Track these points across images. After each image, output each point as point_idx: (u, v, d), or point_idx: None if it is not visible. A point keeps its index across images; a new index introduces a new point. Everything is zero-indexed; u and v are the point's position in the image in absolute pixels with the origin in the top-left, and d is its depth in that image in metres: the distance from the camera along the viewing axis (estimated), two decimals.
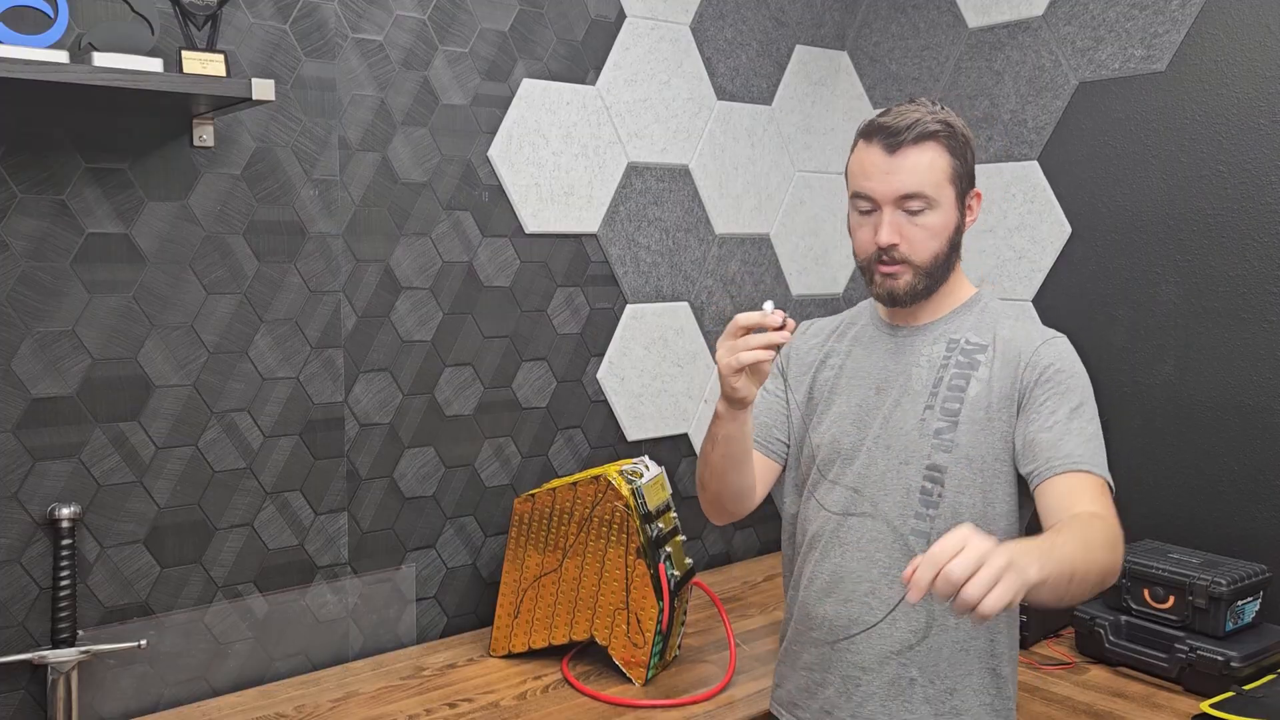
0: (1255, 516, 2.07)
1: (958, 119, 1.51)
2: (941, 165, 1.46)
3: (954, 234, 1.50)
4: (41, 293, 1.69)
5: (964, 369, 1.50)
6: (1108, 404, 2.28)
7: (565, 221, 2.30)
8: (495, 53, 2.16)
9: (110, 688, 1.79)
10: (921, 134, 1.46)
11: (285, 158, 1.91)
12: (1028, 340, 1.49)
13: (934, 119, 1.47)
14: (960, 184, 1.49)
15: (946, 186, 1.47)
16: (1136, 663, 1.97)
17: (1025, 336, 1.50)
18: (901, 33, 2.67)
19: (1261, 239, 2.05)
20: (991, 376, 1.48)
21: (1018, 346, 1.49)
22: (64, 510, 1.70)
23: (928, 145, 1.46)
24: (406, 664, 2.02)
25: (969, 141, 1.51)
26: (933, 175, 1.46)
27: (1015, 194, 2.43)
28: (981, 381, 1.49)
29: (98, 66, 1.50)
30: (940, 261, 1.49)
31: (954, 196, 1.48)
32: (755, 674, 1.98)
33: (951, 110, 1.52)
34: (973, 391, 1.49)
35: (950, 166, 1.47)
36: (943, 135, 1.47)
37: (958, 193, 1.49)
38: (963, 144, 1.49)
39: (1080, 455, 1.40)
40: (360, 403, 2.04)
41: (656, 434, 2.51)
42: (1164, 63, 2.17)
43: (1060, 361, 1.46)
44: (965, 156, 1.49)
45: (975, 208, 1.53)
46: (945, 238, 1.48)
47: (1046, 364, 1.46)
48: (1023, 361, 1.47)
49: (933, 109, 1.49)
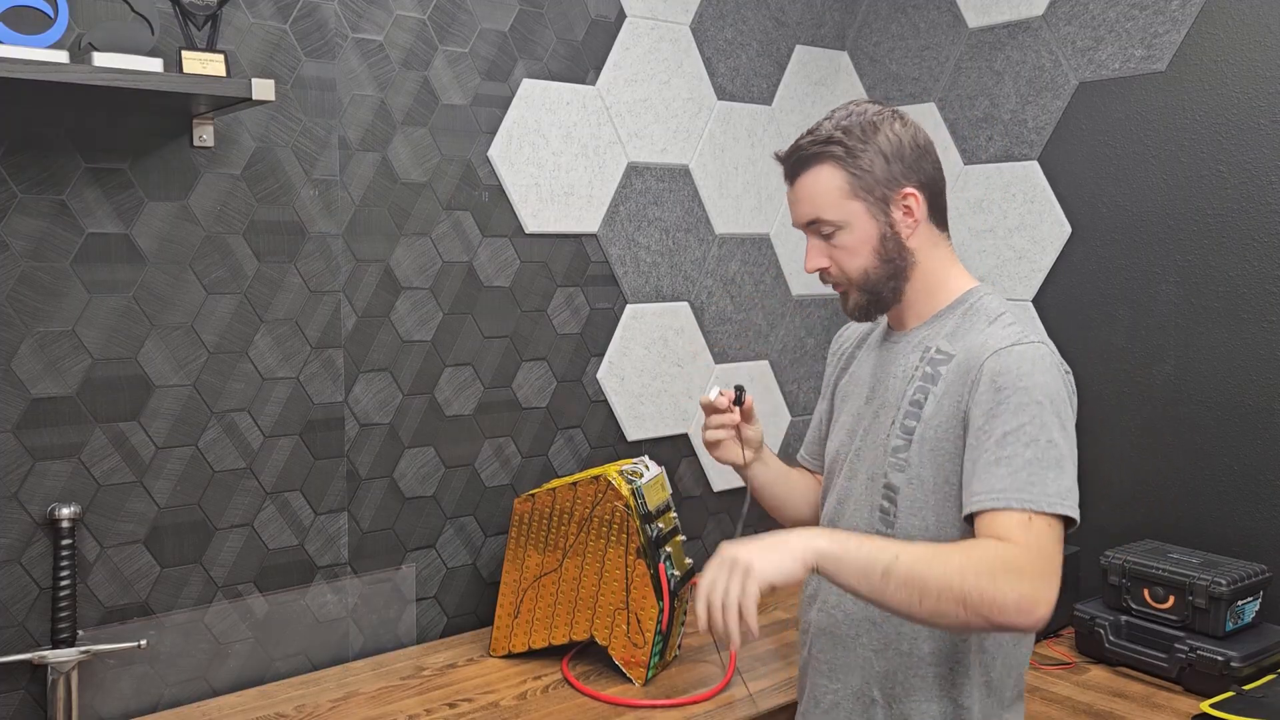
0: (1255, 516, 2.07)
1: (866, 121, 1.40)
2: (835, 184, 1.40)
3: (882, 244, 1.41)
4: (41, 293, 1.69)
5: (926, 382, 1.41)
6: (1108, 404, 2.28)
7: (565, 221, 2.30)
8: (495, 53, 2.16)
9: (110, 688, 1.79)
10: (802, 160, 1.43)
11: (285, 158, 1.91)
12: (981, 350, 1.36)
13: (818, 138, 1.41)
14: (870, 193, 1.39)
15: (848, 203, 1.40)
16: (1136, 663, 1.97)
17: (980, 346, 1.36)
18: (901, 33, 2.67)
19: (1261, 239, 2.05)
20: (944, 392, 1.38)
21: (970, 358, 1.36)
22: (64, 510, 1.70)
23: (816, 169, 1.41)
24: (406, 664, 2.02)
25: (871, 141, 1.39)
26: (828, 197, 1.41)
27: (1015, 194, 2.43)
28: (936, 398, 1.39)
29: (98, 66, 1.50)
30: (876, 275, 1.43)
31: (864, 209, 1.40)
32: (755, 674, 1.98)
33: (875, 109, 1.41)
34: (928, 409, 1.39)
35: (846, 182, 1.39)
36: (830, 154, 1.40)
37: (870, 204, 1.40)
38: (860, 148, 1.38)
39: (1002, 489, 1.27)
40: (360, 403, 2.04)
41: (656, 434, 2.51)
42: (1164, 63, 2.17)
43: (1004, 376, 1.31)
44: (864, 163, 1.39)
45: (913, 207, 1.41)
46: (869, 252, 1.41)
47: (989, 379, 1.32)
48: (969, 376, 1.35)
49: (834, 121, 1.41)
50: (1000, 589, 1.19)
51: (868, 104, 1.44)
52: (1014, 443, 1.28)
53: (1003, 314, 1.40)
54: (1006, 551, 1.23)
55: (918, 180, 1.41)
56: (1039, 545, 1.24)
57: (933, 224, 1.45)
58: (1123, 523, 2.27)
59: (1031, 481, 1.26)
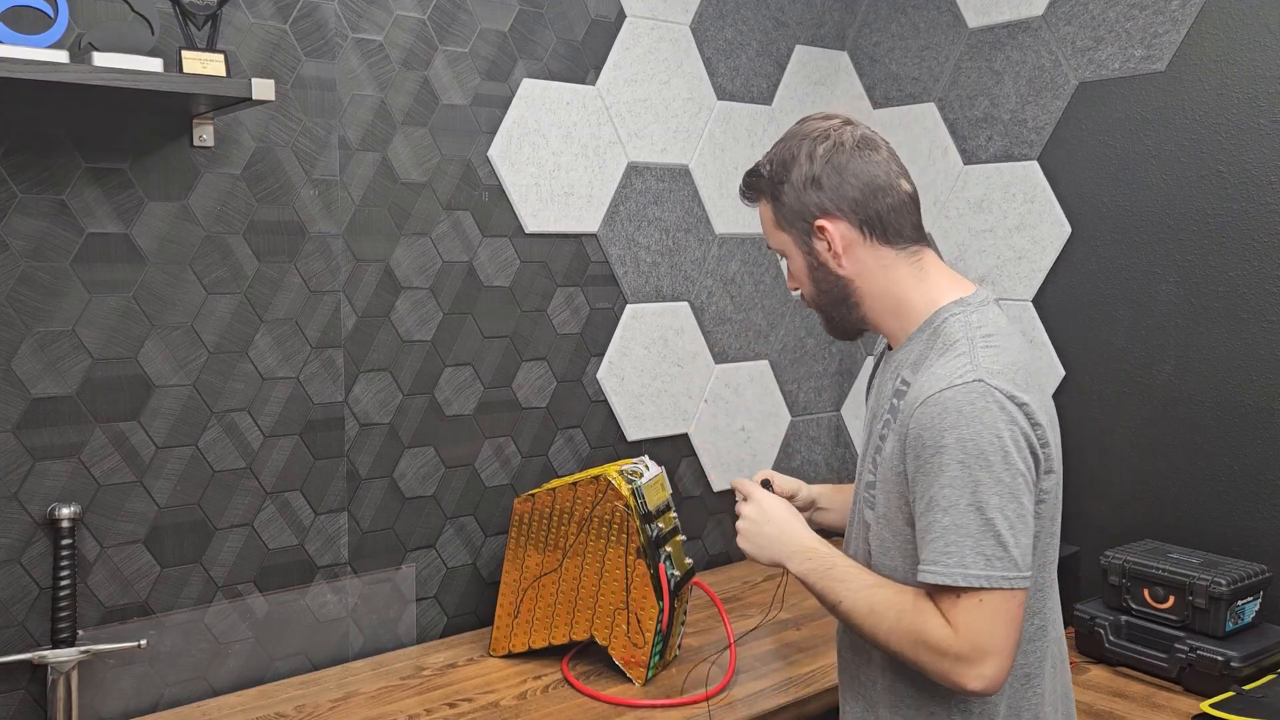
0: (1255, 516, 2.07)
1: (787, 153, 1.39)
2: (768, 216, 1.43)
3: (815, 271, 1.40)
4: (41, 293, 1.69)
5: (891, 416, 1.34)
6: (1108, 404, 2.28)
7: (565, 221, 2.30)
8: (495, 53, 2.16)
9: (110, 688, 1.79)
10: (743, 195, 1.48)
11: (285, 158, 1.91)
12: (917, 396, 1.28)
13: (751, 172, 1.44)
14: (793, 224, 1.39)
15: (779, 234, 1.42)
16: (1136, 663, 1.97)
17: (920, 389, 1.28)
18: (901, 33, 2.67)
19: (1261, 239, 2.05)
20: (896, 435, 1.32)
21: (910, 404, 1.29)
22: (64, 510, 1.70)
23: (758, 203, 1.45)
24: (406, 664, 2.02)
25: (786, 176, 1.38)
26: (767, 228, 1.45)
27: (1015, 194, 2.43)
28: (892, 438, 1.33)
29: (98, 66, 1.50)
30: (822, 300, 1.43)
31: (792, 241, 1.41)
32: (755, 674, 1.98)
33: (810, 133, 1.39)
34: (887, 448, 1.34)
35: (773, 215, 1.42)
36: (759, 188, 1.43)
37: (795, 235, 1.40)
38: (777, 183, 1.39)
39: (929, 562, 1.24)
40: (360, 403, 2.04)
41: (656, 434, 2.51)
42: (1164, 63, 2.17)
43: (926, 433, 1.24)
44: (783, 196, 1.39)
45: (827, 235, 1.37)
46: (807, 280, 1.42)
47: (915, 436, 1.26)
48: (906, 426, 1.29)
49: (770, 152, 1.43)
50: (923, 663, 1.25)
51: (808, 123, 1.41)
52: (934, 509, 1.24)
53: (958, 341, 1.30)
54: (931, 629, 1.23)
55: (837, 208, 1.36)
56: (966, 623, 1.21)
57: (878, 244, 1.36)
58: (1123, 523, 2.27)
59: (947, 553, 1.22)
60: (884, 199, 1.35)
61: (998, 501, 1.21)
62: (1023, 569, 1.21)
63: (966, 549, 1.21)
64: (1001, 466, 1.21)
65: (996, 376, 1.24)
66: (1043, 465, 1.27)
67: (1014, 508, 1.22)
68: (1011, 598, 1.21)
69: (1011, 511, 1.21)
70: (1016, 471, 1.22)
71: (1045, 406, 1.30)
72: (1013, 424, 1.23)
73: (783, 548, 1.42)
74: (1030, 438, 1.25)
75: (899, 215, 1.36)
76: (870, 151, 1.36)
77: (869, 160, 1.36)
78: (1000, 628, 1.21)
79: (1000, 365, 1.26)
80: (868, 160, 1.36)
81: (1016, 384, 1.25)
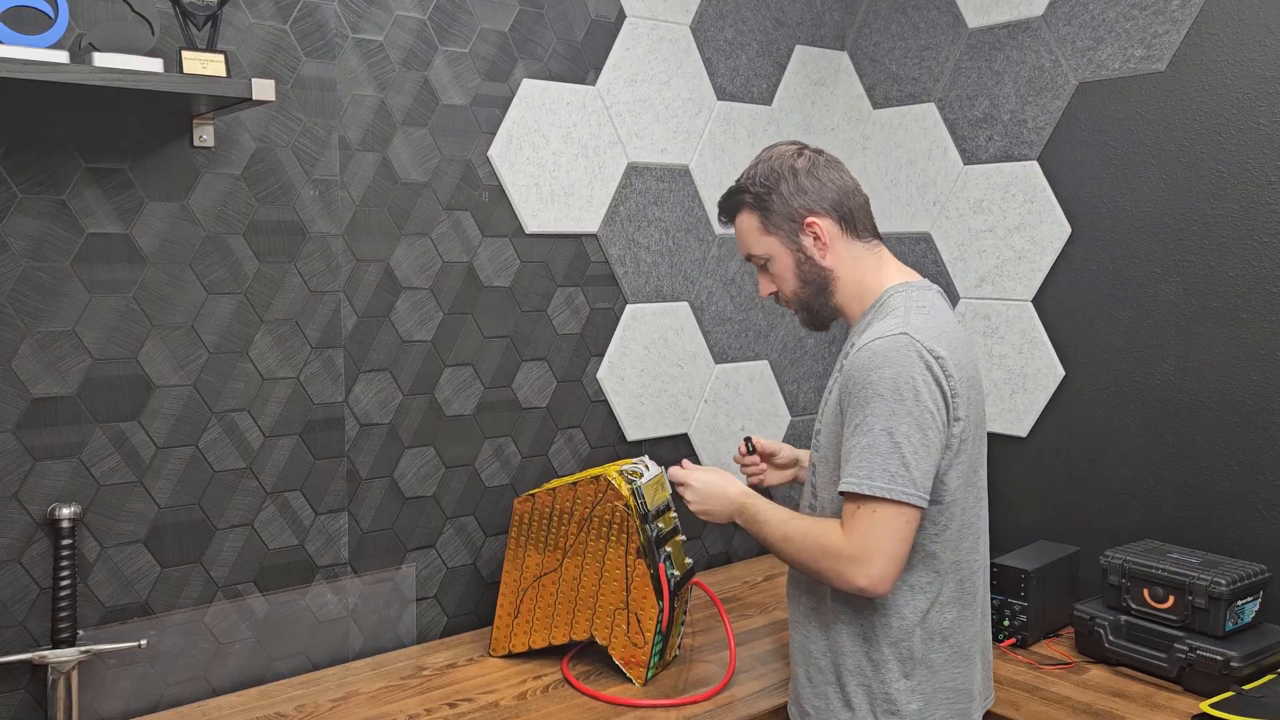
0: (1255, 516, 2.07)
1: (770, 169, 1.63)
2: (753, 226, 1.67)
3: (801, 266, 1.65)
4: (41, 293, 1.69)
5: (839, 371, 1.60)
6: (1108, 404, 2.28)
7: (565, 221, 2.30)
8: (495, 53, 2.16)
9: (110, 688, 1.79)
10: (725, 209, 1.71)
11: (285, 158, 1.91)
12: (856, 348, 1.55)
13: (734, 189, 1.67)
14: (782, 227, 1.64)
15: (765, 239, 1.66)
16: (1136, 662, 1.97)
17: (859, 344, 1.55)
18: (901, 33, 2.67)
19: (1261, 239, 2.05)
20: (836, 386, 1.59)
21: (851, 355, 1.56)
22: (64, 510, 1.70)
23: (739, 215, 1.69)
24: (406, 664, 2.02)
25: (774, 187, 1.62)
26: (750, 237, 1.67)
27: (1015, 194, 2.43)
28: (835, 388, 1.60)
29: (98, 66, 1.50)
30: (805, 293, 1.67)
31: (780, 242, 1.65)
32: (755, 674, 1.98)
33: (780, 154, 1.65)
34: (833, 397, 1.60)
35: (759, 222, 1.65)
36: (744, 201, 1.66)
37: (784, 236, 1.64)
38: (765, 193, 1.63)
39: (843, 475, 1.50)
40: (360, 403, 2.04)
41: (656, 434, 2.51)
42: (1164, 63, 2.17)
43: (856, 373, 1.51)
44: (772, 204, 1.63)
45: (817, 230, 1.62)
46: (792, 276, 1.66)
47: (847, 376, 1.54)
48: (845, 373, 1.55)
49: (747, 173, 1.66)
50: (821, 568, 1.52)
51: (776, 147, 1.68)
52: (857, 434, 1.49)
53: (896, 309, 1.57)
54: (828, 536, 1.51)
55: (821, 208, 1.62)
56: (860, 528, 1.47)
57: (850, 238, 1.64)
58: (1123, 523, 2.27)
59: (860, 467, 1.47)
60: (854, 199, 1.65)
61: (906, 430, 1.46)
62: (919, 489, 1.46)
63: (875, 465, 1.46)
64: (913, 402, 1.46)
65: (920, 333, 1.50)
66: (951, 411, 1.51)
67: (919, 438, 1.46)
68: (901, 513, 1.46)
69: (917, 440, 1.46)
70: (925, 409, 1.47)
71: (961, 365, 1.54)
72: (927, 370, 1.48)
73: (724, 511, 1.73)
74: (942, 384, 1.49)
75: (865, 214, 1.67)
76: (836, 165, 1.67)
77: (839, 170, 1.66)
78: (887, 536, 1.45)
79: (926, 327, 1.52)
80: (838, 170, 1.66)
81: (938, 342, 1.51)
